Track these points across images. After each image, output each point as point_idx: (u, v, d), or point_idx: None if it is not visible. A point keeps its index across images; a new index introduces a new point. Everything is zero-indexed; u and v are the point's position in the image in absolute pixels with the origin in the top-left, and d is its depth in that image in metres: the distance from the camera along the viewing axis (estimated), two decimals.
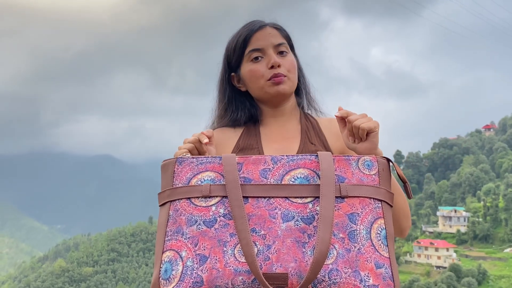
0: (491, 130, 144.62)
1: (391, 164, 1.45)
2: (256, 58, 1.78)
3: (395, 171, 1.48)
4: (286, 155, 1.40)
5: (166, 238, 1.32)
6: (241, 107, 1.86)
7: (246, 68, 1.80)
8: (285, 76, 1.76)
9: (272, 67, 1.75)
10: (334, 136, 1.82)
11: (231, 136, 1.84)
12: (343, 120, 1.58)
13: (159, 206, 1.40)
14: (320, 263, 1.20)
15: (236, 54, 1.83)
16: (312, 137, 1.79)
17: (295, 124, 1.86)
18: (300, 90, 1.93)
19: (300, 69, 1.92)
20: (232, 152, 1.76)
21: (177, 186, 1.38)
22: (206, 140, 1.54)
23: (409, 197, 1.51)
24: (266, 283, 1.20)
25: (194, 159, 1.42)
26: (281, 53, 1.79)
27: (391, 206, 1.39)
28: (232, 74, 1.87)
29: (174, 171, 1.41)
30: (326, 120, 1.90)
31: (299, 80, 1.90)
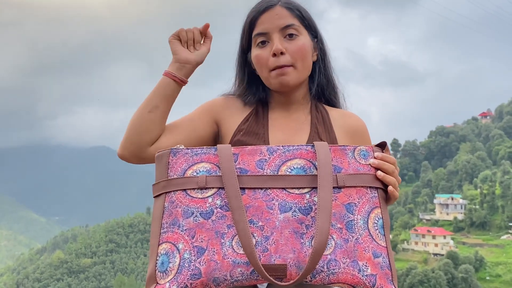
0: (488, 117, 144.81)
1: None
2: (263, 42, 1.66)
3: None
4: (282, 146, 1.38)
5: (162, 231, 1.30)
6: (254, 89, 1.76)
7: (254, 52, 1.69)
8: (290, 66, 1.63)
9: (274, 55, 1.63)
10: (344, 132, 1.72)
11: (241, 108, 1.77)
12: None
13: (154, 197, 1.38)
14: (319, 253, 1.19)
15: (245, 37, 1.73)
16: (321, 132, 1.68)
17: (305, 114, 1.74)
18: (315, 76, 1.75)
19: (321, 52, 1.76)
20: (237, 129, 1.71)
21: (172, 177, 1.36)
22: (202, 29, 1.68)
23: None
24: (266, 274, 1.19)
25: (189, 150, 1.39)
26: (290, 36, 1.65)
27: (387, 193, 1.39)
28: (248, 54, 1.75)
29: (168, 162, 1.38)
30: (338, 113, 1.78)
31: (317, 65, 1.75)
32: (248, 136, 1.67)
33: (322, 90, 1.78)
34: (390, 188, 1.37)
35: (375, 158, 1.40)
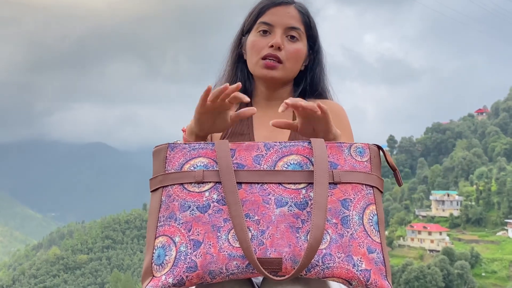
0: (484, 114, 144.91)
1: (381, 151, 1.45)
2: (264, 31, 1.72)
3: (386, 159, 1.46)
4: (279, 142, 1.39)
5: (158, 224, 1.31)
6: (240, 76, 1.81)
7: (251, 37, 1.75)
8: (280, 62, 1.71)
9: (272, 46, 1.69)
10: None
11: None
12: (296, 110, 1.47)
13: (151, 191, 1.38)
14: (314, 248, 1.20)
15: (250, 19, 1.77)
16: None
17: (288, 112, 1.72)
18: (301, 80, 1.83)
19: (312, 62, 1.82)
20: (223, 133, 1.75)
21: (170, 171, 1.37)
22: (246, 99, 1.42)
23: (399, 184, 1.48)
24: (261, 267, 1.20)
25: (187, 145, 1.40)
26: (291, 37, 1.72)
27: (382, 192, 1.40)
28: (244, 36, 1.81)
29: (166, 156, 1.39)
30: (318, 102, 1.81)
31: (303, 74, 1.82)
32: (234, 137, 1.74)
33: (305, 95, 1.84)
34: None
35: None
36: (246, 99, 1.43)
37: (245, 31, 1.80)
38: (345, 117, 1.83)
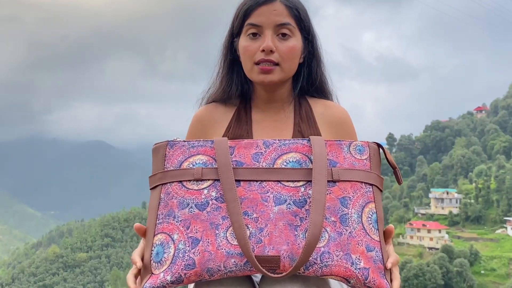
0: (483, 112, 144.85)
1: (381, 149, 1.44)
2: (254, 34, 1.64)
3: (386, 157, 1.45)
4: (278, 139, 1.40)
5: (157, 221, 1.32)
6: (236, 80, 1.75)
7: (242, 41, 1.68)
8: (276, 64, 1.63)
9: (263, 51, 1.62)
10: (327, 125, 1.73)
11: (222, 116, 1.77)
12: None
13: (150, 189, 1.39)
14: (312, 246, 1.20)
15: (237, 22, 1.70)
16: (304, 130, 1.70)
17: (288, 112, 1.75)
18: (300, 75, 1.75)
19: (310, 54, 1.75)
20: (223, 135, 1.72)
21: (169, 169, 1.37)
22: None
23: (398, 182, 1.46)
24: (259, 265, 1.20)
25: (186, 142, 1.40)
26: (283, 35, 1.64)
27: (381, 190, 1.40)
28: (235, 39, 1.74)
29: (165, 154, 1.39)
30: (322, 106, 1.77)
31: (303, 65, 1.75)
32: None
33: (306, 90, 1.78)
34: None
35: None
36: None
37: (234, 33, 1.73)
38: (351, 123, 1.78)
